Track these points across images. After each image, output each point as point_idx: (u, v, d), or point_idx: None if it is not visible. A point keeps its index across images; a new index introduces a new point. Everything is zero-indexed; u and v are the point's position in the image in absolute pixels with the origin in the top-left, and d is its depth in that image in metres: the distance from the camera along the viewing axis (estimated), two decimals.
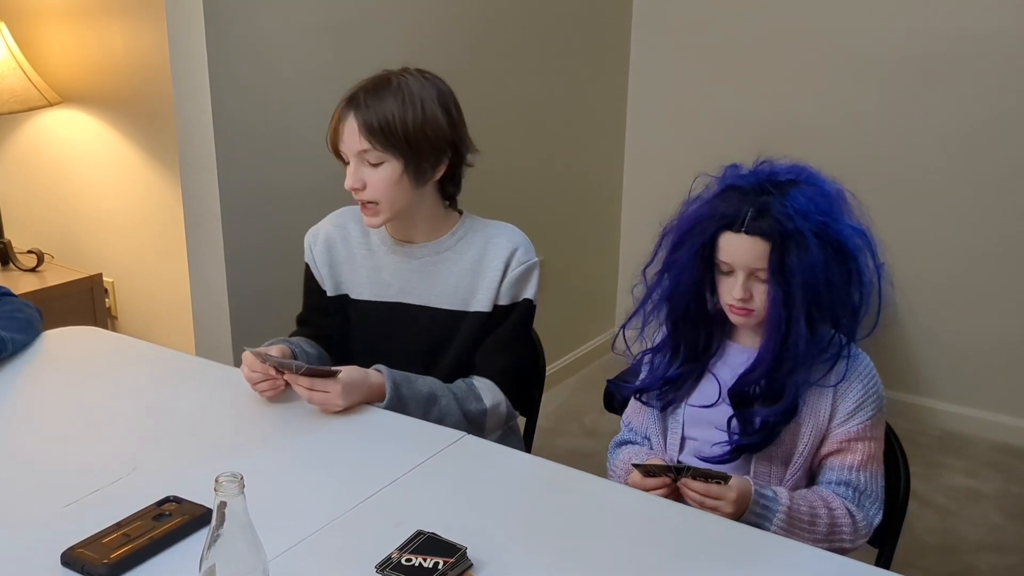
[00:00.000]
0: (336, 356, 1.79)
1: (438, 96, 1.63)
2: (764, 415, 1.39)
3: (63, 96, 2.85)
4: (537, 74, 3.08)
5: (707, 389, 1.47)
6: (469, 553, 1.16)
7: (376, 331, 1.74)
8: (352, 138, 1.60)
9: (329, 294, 1.78)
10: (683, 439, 1.49)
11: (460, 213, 1.76)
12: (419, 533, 1.19)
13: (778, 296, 1.35)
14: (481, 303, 1.70)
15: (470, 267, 1.70)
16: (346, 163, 1.65)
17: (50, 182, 3.03)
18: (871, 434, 1.40)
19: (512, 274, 1.68)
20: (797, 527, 1.34)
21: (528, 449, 1.88)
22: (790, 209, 1.32)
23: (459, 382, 1.68)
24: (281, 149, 2.32)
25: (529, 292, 1.71)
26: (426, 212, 1.70)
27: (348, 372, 1.55)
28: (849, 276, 1.35)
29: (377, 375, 1.59)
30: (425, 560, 1.14)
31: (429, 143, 1.61)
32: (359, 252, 1.76)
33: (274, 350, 1.63)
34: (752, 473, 1.43)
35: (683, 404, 1.48)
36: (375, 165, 1.61)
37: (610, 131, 3.54)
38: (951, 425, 3.17)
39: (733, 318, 1.42)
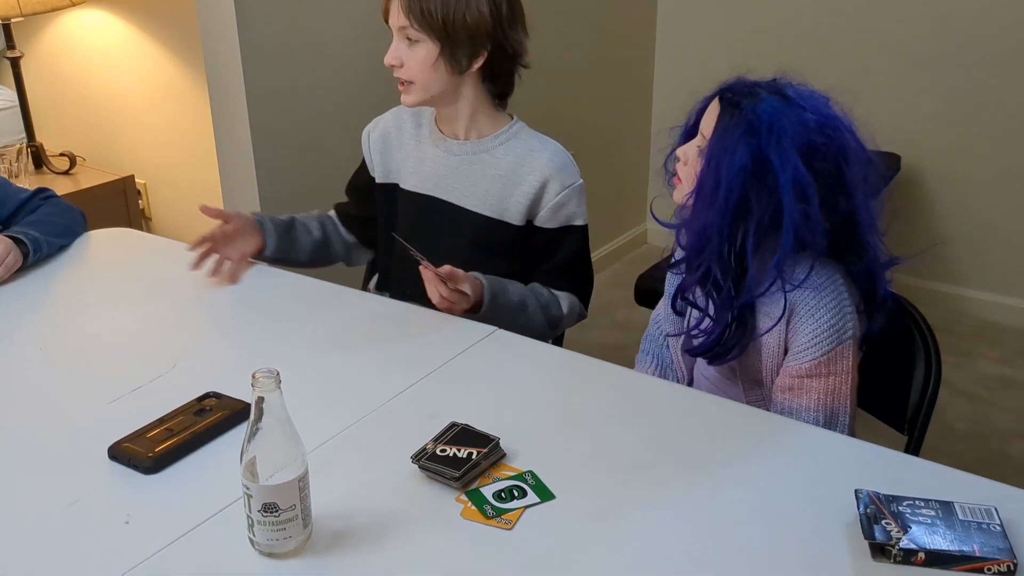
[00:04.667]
0: (360, 239, 1.87)
1: None
2: (697, 321, 1.39)
3: None
4: None
5: None
6: (502, 444, 1.19)
7: (418, 223, 1.76)
8: (396, 13, 1.62)
9: (378, 180, 1.81)
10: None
11: (511, 118, 1.74)
12: (453, 424, 1.22)
13: (707, 173, 1.30)
14: (512, 215, 1.69)
15: (504, 174, 1.68)
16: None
17: (78, 84, 3.02)
18: (827, 370, 1.33)
19: (558, 198, 1.67)
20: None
21: (559, 343, 1.89)
22: (759, 108, 1.27)
23: (540, 288, 1.70)
24: (310, 48, 2.29)
25: (579, 218, 1.71)
26: (468, 106, 1.69)
27: (473, 286, 1.56)
28: (772, 207, 1.27)
29: (479, 284, 1.58)
30: (459, 450, 1.16)
31: (467, 31, 1.60)
32: (409, 142, 1.78)
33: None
34: (743, 388, 1.43)
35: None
36: (413, 43, 1.62)
37: (641, 20, 3.44)
38: (986, 314, 3.15)
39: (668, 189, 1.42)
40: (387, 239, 1.79)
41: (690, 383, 1.52)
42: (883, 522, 1.03)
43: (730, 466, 1.19)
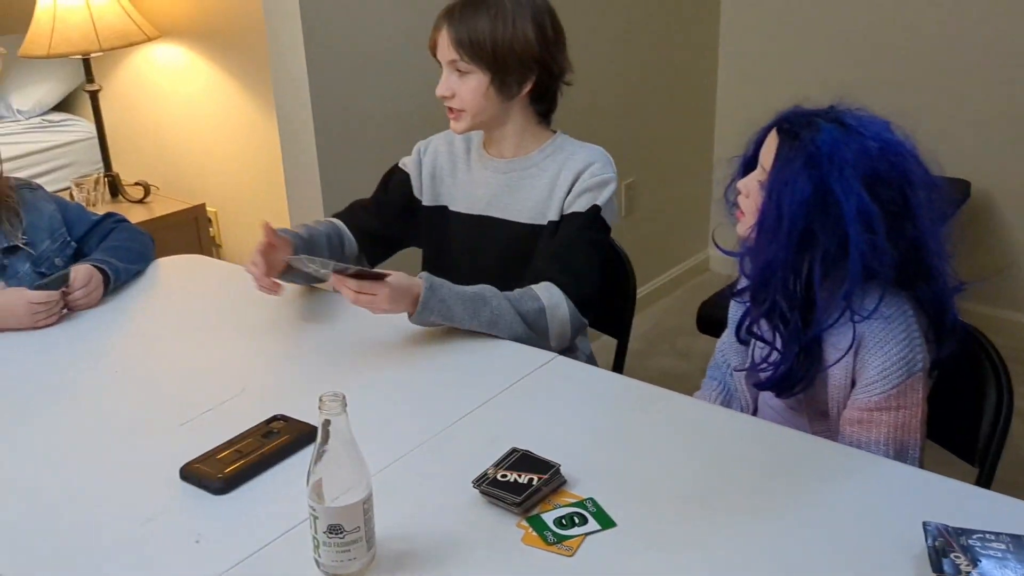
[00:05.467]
0: (367, 253, 1.85)
1: (532, 13, 1.64)
2: (763, 354, 1.37)
3: (161, 31, 2.92)
4: None
5: None
6: (562, 470, 1.19)
7: (473, 242, 1.78)
8: (444, 48, 1.66)
9: (425, 203, 1.83)
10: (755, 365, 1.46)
11: (553, 132, 1.77)
12: (513, 450, 1.23)
13: (768, 206, 1.29)
14: (552, 213, 1.71)
15: (548, 182, 1.71)
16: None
17: (152, 116, 3.12)
18: (897, 404, 1.30)
19: (582, 184, 1.68)
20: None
21: (619, 370, 1.89)
22: (818, 138, 1.26)
23: (513, 290, 1.64)
24: (372, 78, 2.34)
25: (599, 200, 1.68)
26: (516, 127, 1.73)
27: (396, 277, 1.52)
28: (837, 238, 1.25)
29: (419, 281, 1.55)
30: (519, 476, 1.17)
31: (516, 59, 1.64)
32: (461, 166, 1.81)
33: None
34: (808, 418, 1.41)
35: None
36: (463, 74, 1.66)
37: (702, 47, 3.44)
38: None
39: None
40: (436, 260, 1.82)
41: (755, 412, 1.51)
42: (952, 555, 1.01)
43: (796, 496, 1.17)
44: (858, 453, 1.28)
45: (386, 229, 1.86)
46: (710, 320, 2.38)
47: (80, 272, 1.74)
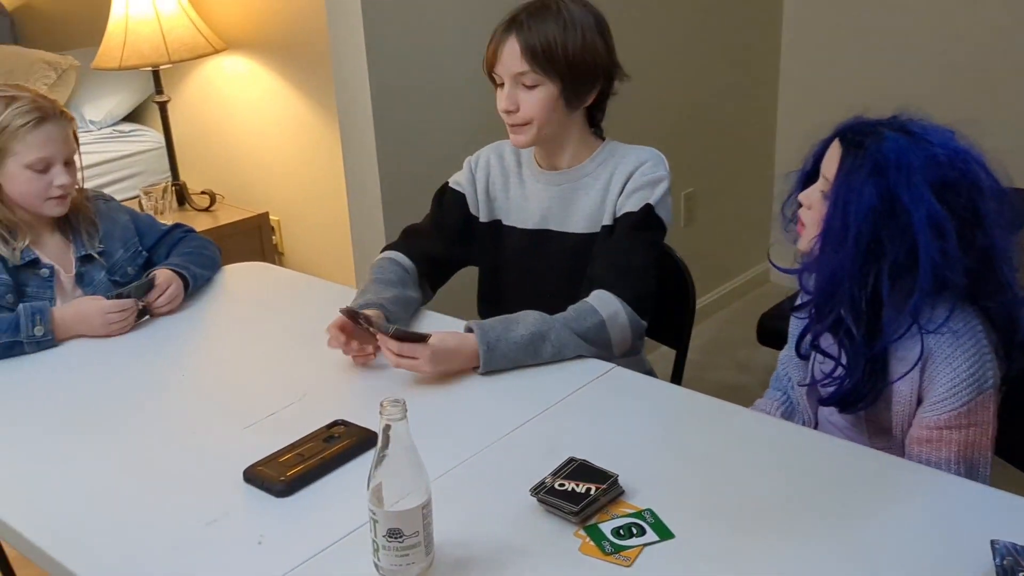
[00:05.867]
0: (431, 281, 1.80)
1: (596, 23, 1.64)
2: (828, 369, 1.34)
3: (228, 43, 2.99)
4: None
5: None
6: (620, 480, 1.19)
7: (530, 257, 1.77)
8: (512, 60, 1.61)
9: (482, 219, 1.81)
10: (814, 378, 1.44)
11: (603, 140, 1.76)
12: (571, 460, 1.23)
13: (833, 216, 1.27)
14: (606, 218, 1.69)
15: (602, 188, 1.70)
16: (498, 85, 1.67)
17: (218, 126, 3.20)
18: (966, 422, 1.27)
19: (633, 183, 1.66)
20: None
21: (678, 382, 1.88)
22: (883, 146, 1.24)
23: (568, 309, 1.60)
24: (434, 88, 2.37)
25: (652, 199, 1.65)
26: (574, 138, 1.72)
27: (439, 338, 1.49)
28: (905, 247, 1.23)
29: (471, 341, 1.51)
30: (577, 485, 1.17)
31: (588, 69, 1.62)
32: (513, 180, 1.79)
33: (370, 312, 1.58)
34: (868, 436, 1.38)
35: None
36: (530, 87, 1.62)
37: (764, 56, 3.41)
38: None
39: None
40: (492, 277, 1.82)
41: (815, 427, 1.49)
42: (1020, 574, 0.99)
43: (859, 512, 1.15)
44: (924, 469, 1.26)
45: (447, 252, 1.82)
46: (772, 332, 2.35)
47: (163, 277, 1.79)
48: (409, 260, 1.77)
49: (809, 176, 1.38)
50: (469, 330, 1.53)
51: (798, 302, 1.43)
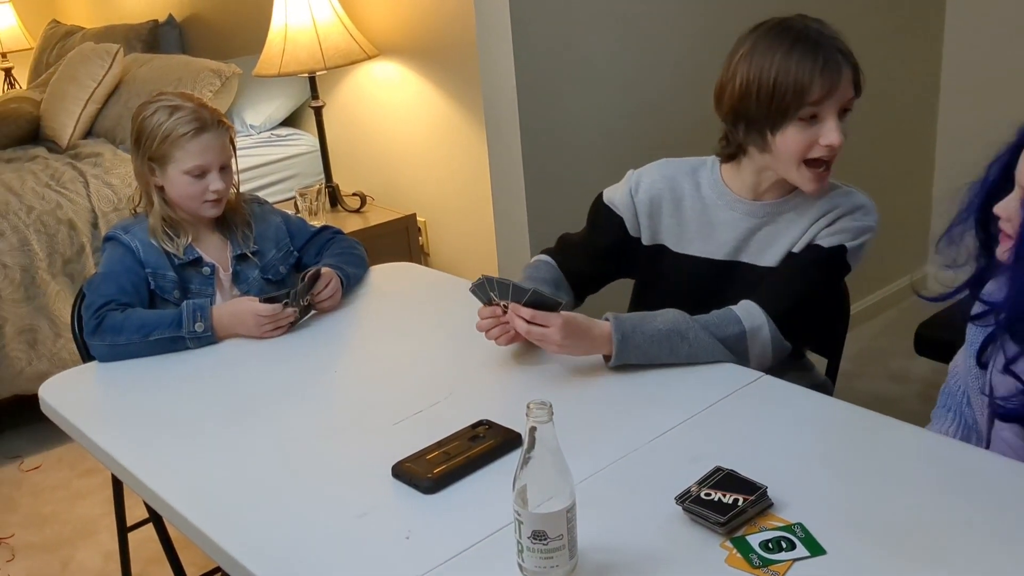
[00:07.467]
0: (588, 291, 1.80)
1: None
2: (1020, 387, 1.23)
3: (380, 49, 3.09)
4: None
5: None
6: (768, 492, 1.16)
7: (701, 288, 1.68)
8: (847, 89, 1.52)
9: (645, 242, 1.73)
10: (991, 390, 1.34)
11: None
12: (718, 469, 1.20)
13: None
14: (798, 246, 1.61)
15: (810, 219, 1.61)
16: (798, 119, 1.51)
17: (369, 129, 3.30)
18: None
19: (841, 224, 1.58)
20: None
21: (830, 392, 1.82)
22: None
23: (711, 312, 1.56)
24: (581, 95, 2.37)
25: (849, 243, 1.58)
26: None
27: (571, 313, 1.49)
28: None
29: (605, 326, 1.49)
30: (724, 496, 1.15)
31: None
32: (690, 206, 1.69)
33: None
34: None
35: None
36: (842, 118, 1.53)
37: (925, 55, 3.26)
38: None
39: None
40: (645, 296, 1.76)
41: (987, 443, 1.40)
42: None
43: None
44: None
45: (599, 270, 1.79)
46: (930, 341, 2.24)
47: (326, 275, 1.87)
48: (561, 270, 1.78)
49: (992, 187, 1.29)
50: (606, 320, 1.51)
51: (975, 311, 1.35)
